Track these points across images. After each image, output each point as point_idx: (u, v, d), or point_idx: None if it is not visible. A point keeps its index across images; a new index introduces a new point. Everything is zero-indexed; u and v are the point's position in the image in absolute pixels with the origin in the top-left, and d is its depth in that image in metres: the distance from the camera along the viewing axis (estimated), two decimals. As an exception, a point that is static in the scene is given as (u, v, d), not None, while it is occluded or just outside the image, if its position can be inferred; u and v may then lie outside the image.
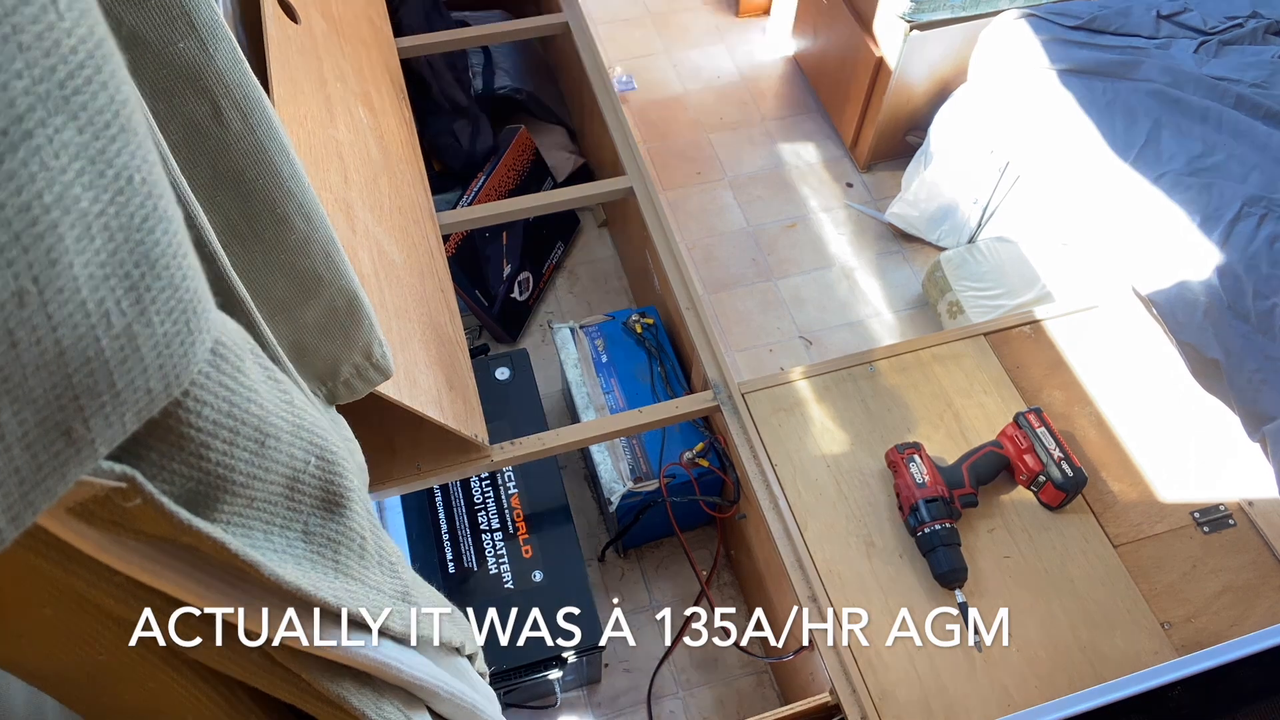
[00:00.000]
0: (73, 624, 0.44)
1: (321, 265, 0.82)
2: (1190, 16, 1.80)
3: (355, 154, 1.40)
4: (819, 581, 1.37)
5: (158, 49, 0.64)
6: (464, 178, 2.28)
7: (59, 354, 0.26)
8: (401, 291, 1.34)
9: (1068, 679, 1.29)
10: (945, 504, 1.37)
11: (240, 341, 0.37)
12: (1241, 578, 1.37)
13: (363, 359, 0.92)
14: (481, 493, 1.67)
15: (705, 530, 1.92)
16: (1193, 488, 1.47)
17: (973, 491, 1.40)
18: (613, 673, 1.78)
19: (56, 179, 0.26)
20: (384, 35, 1.90)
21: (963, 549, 1.36)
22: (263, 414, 0.38)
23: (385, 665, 0.51)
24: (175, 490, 0.34)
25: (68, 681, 0.49)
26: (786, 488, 1.46)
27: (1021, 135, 1.80)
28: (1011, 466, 1.44)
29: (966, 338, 1.65)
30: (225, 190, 0.73)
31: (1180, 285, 1.47)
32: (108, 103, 0.28)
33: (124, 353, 0.29)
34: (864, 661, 1.30)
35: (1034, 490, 1.43)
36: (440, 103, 2.27)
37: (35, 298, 0.25)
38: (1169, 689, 1.11)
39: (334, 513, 0.45)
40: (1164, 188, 1.53)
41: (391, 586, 0.52)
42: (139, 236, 0.29)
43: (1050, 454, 1.40)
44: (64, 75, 0.26)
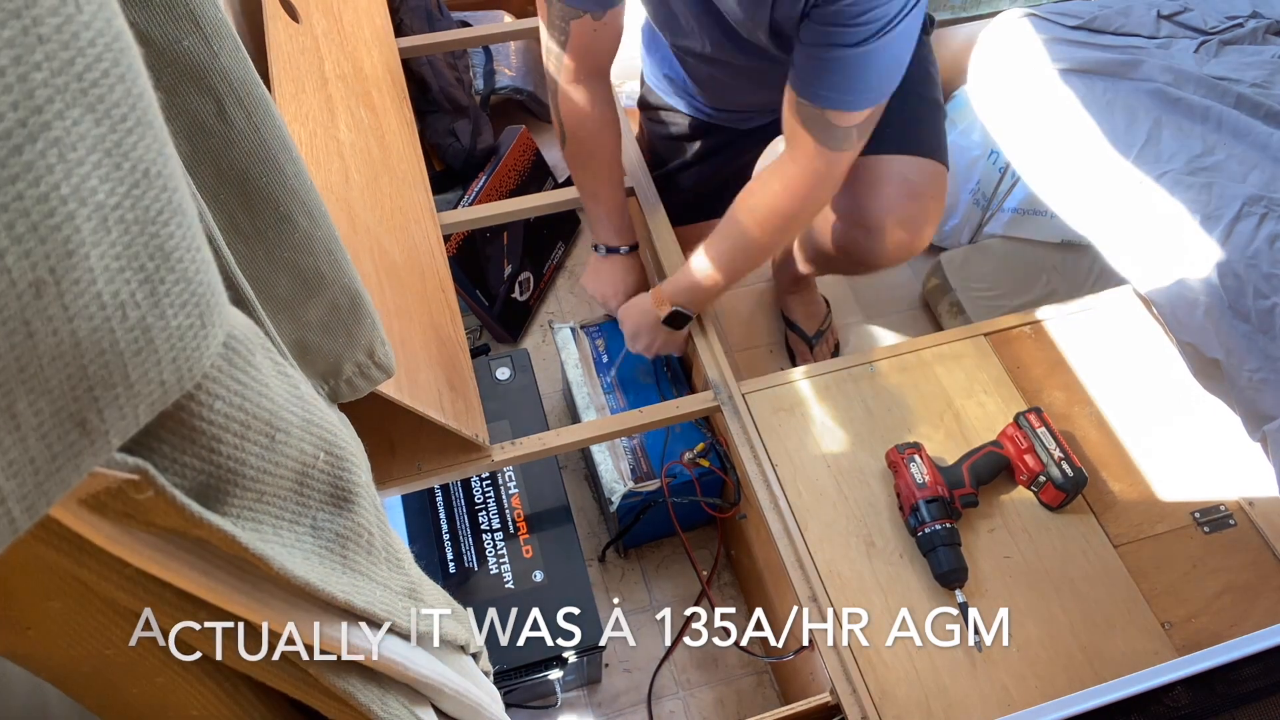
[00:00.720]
0: (80, 618, 0.44)
1: (325, 263, 0.82)
2: (1190, 16, 1.80)
3: (356, 153, 1.40)
4: (819, 581, 1.37)
5: (162, 47, 0.65)
6: (465, 178, 2.28)
7: (75, 345, 0.26)
8: (402, 291, 1.34)
9: (1068, 679, 1.29)
10: (945, 504, 1.38)
11: (251, 335, 0.37)
12: (1242, 578, 1.37)
13: (365, 357, 0.92)
14: (482, 492, 1.68)
15: (705, 530, 1.92)
16: (1193, 488, 1.47)
17: (973, 491, 1.40)
18: (613, 673, 1.78)
19: (74, 170, 0.26)
20: (385, 35, 1.91)
21: (963, 549, 1.37)
22: (274, 408, 0.38)
23: (391, 661, 0.51)
24: (186, 483, 0.34)
25: (74, 675, 0.49)
26: (787, 488, 1.46)
27: (1022, 135, 1.80)
28: (1012, 466, 1.44)
29: (966, 338, 1.66)
30: (229, 188, 0.73)
31: (1180, 285, 1.47)
32: (125, 95, 0.28)
33: (138, 344, 0.29)
34: (864, 661, 1.30)
35: (1034, 490, 1.43)
36: (441, 102, 2.27)
37: (52, 288, 0.25)
38: (1169, 689, 1.11)
39: (342, 508, 0.45)
40: (1165, 187, 1.53)
41: (398, 583, 0.53)
42: (154, 229, 0.29)
43: (1050, 454, 1.40)
44: (82, 68, 0.26)
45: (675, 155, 1.93)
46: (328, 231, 0.82)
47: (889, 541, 1.41)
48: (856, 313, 2.28)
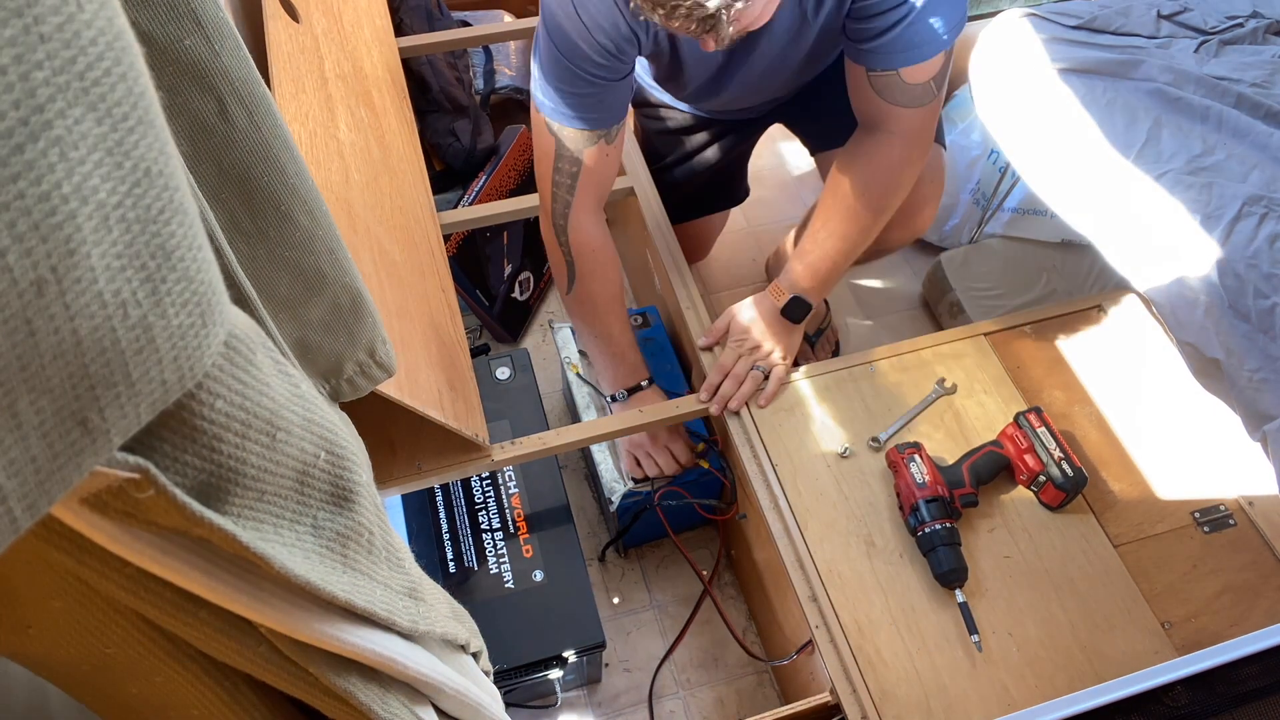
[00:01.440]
0: (81, 617, 0.44)
1: (326, 262, 0.82)
2: (1190, 16, 1.80)
3: (356, 153, 1.40)
4: (819, 581, 1.37)
5: (164, 46, 0.65)
6: (465, 177, 2.28)
7: (76, 344, 0.27)
8: (402, 291, 1.34)
9: (1067, 679, 1.29)
10: (945, 504, 1.38)
11: (252, 334, 0.37)
12: (1242, 577, 1.37)
13: (366, 356, 0.92)
14: (482, 492, 1.68)
15: (706, 530, 1.92)
16: (1193, 487, 1.47)
17: (973, 491, 1.40)
18: (613, 672, 1.78)
19: (76, 169, 0.26)
20: (385, 34, 1.91)
21: (962, 548, 1.37)
22: (275, 407, 0.38)
23: (391, 660, 0.51)
24: (187, 482, 0.34)
25: (74, 673, 0.49)
26: (787, 487, 1.46)
27: (1022, 135, 1.80)
28: (1012, 466, 1.44)
29: (966, 338, 1.66)
30: (230, 187, 0.73)
31: (1180, 285, 1.47)
32: (126, 94, 0.28)
33: (140, 343, 0.29)
34: (864, 661, 1.30)
35: (1034, 490, 1.43)
36: (441, 102, 2.27)
37: (54, 287, 0.25)
38: (1169, 689, 1.11)
39: (343, 507, 0.45)
40: (1165, 186, 1.53)
41: (399, 582, 0.53)
42: (155, 228, 0.29)
43: (1050, 454, 1.40)
44: (84, 66, 0.26)
45: (672, 150, 1.93)
46: (329, 230, 0.82)
47: (889, 541, 1.41)
48: (856, 313, 2.28)
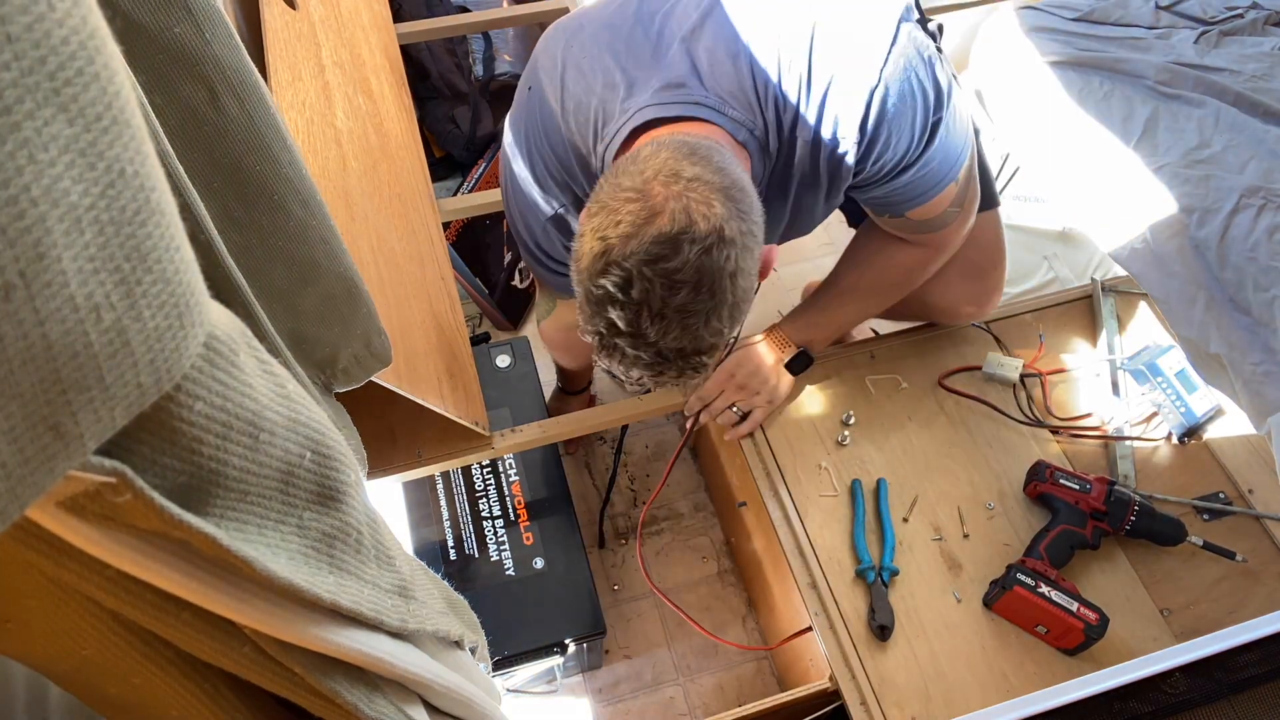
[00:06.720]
0: (56, 617, 0.43)
1: (319, 252, 0.81)
2: (1189, 6, 1.79)
3: (354, 141, 1.39)
4: (819, 568, 1.37)
5: (154, 34, 0.64)
6: (464, 164, 2.28)
7: (46, 348, 0.26)
8: (401, 279, 1.34)
9: (1067, 665, 1.29)
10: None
11: (235, 334, 0.37)
12: (1241, 565, 1.37)
13: (361, 347, 0.92)
14: (482, 480, 1.68)
15: (706, 519, 1.92)
16: (1193, 476, 1.47)
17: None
18: (613, 659, 1.78)
19: (45, 172, 0.25)
20: (383, 21, 1.89)
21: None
22: (257, 408, 0.37)
23: (379, 660, 0.51)
24: (167, 485, 0.34)
25: (53, 671, 0.49)
26: (787, 475, 1.46)
27: (1021, 126, 1.79)
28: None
29: (967, 327, 1.65)
30: (222, 177, 0.73)
31: (1179, 279, 1.46)
32: (99, 95, 0.27)
33: (113, 347, 0.28)
34: (863, 647, 1.30)
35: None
36: (440, 89, 2.26)
37: (22, 291, 0.25)
38: (1168, 675, 1.11)
39: (330, 507, 0.45)
40: (1163, 179, 1.52)
41: (388, 581, 0.52)
42: (130, 230, 0.29)
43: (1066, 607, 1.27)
44: (54, 67, 0.26)
45: None
46: (323, 220, 0.81)
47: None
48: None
